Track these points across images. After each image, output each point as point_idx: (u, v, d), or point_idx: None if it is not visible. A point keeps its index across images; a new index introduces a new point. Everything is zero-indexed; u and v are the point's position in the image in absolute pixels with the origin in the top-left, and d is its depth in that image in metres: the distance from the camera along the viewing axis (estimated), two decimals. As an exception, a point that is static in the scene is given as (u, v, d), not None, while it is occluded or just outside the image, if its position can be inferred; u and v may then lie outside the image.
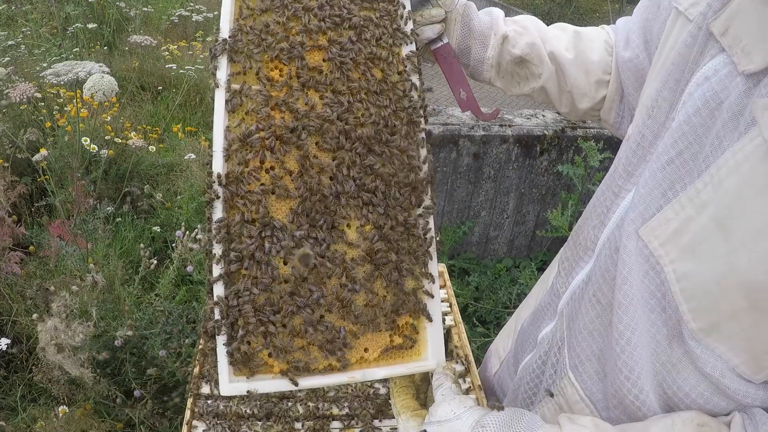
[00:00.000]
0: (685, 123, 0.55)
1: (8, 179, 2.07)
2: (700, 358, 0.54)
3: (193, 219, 2.57)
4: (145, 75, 4.09)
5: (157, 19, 5.05)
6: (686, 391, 0.58)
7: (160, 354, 1.66)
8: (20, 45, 3.80)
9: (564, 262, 0.82)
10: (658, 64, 0.67)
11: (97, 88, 1.83)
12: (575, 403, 0.72)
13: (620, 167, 0.67)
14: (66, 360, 1.33)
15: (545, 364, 0.81)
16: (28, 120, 2.78)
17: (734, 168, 0.48)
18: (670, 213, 0.55)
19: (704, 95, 0.53)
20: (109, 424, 1.62)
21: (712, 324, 0.53)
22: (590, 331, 0.69)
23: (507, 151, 2.48)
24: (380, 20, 0.70)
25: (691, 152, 0.54)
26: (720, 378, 0.54)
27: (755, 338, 0.50)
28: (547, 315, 0.85)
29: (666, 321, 0.58)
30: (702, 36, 0.56)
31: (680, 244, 0.54)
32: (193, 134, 3.53)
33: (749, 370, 0.52)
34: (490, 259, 2.82)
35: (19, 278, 1.85)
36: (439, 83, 9.49)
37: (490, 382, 1.07)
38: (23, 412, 1.61)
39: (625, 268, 0.60)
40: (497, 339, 1.09)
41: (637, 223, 0.59)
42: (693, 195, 0.52)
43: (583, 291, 0.72)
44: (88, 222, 2.18)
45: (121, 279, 1.94)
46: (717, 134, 0.51)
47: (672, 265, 0.55)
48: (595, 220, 0.71)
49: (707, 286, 0.52)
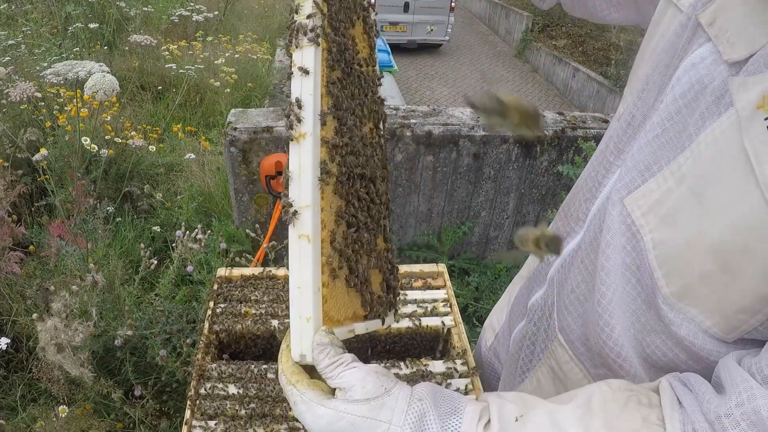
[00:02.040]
0: (671, 104, 0.59)
1: (8, 179, 2.07)
2: (673, 322, 0.57)
3: (193, 219, 2.58)
4: (145, 75, 4.09)
5: (157, 18, 5.05)
6: (664, 351, 0.61)
7: (160, 354, 1.66)
8: (20, 44, 3.80)
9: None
10: (649, 46, 0.71)
11: (99, 87, 1.83)
12: (565, 363, 0.76)
13: (611, 144, 0.71)
14: (66, 360, 1.33)
15: (539, 330, 0.85)
16: (28, 120, 2.78)
17: (711, 142, 0.52)
18: (653, 185, 0.59)
19: (691, 80, 0.57)
20: (109, 424, 1.62)
21: (683, 287, 0.56)
22: (577, 295, 0.73)
23: (507, 152, 2.48)
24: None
25: (675, 130, 0.58)
26: (693, 340, 0.56)
27: (725, 299, 0.53)
28: (536, 283, 0.89)
29: (641, 290, 0.62)
30: (691, 25, 0.60)
31: (660, 214, 0.58)
32: (193, 134, 3.53)
33: (721, 331, 0.55)
34: (490, 259, 2.82)
35: (19, 278, 1.85)
36: (440, 83, 9.51)
37: (485, 356, 1.11)
38: (23, 411, 1.61)
39: (609, 233, 0.64)
40: (491, 314, 1.14)
41: (623, 193, 0.63)
42: (675, 169, 0.56)
43: (572, 258, 0.76)
44: (88, 222, 2.18)
45: (121, 279, 1.94)
46: (701, 115, 0.55)
47: (651, 234, 0.58)
48: (587, 193, 0.75)
49: (679, 250, 0.55)
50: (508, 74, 8.98)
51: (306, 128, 0.58)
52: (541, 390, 0.82)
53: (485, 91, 0.68)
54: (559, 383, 0.78)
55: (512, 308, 1.00)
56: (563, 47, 8.70)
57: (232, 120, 2.25)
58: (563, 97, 7.99)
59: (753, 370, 0.48)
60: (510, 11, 10.22)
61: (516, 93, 6.80)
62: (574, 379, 0.76)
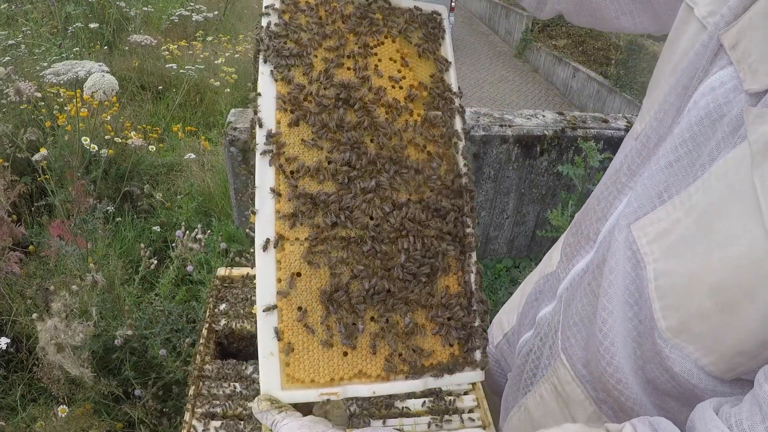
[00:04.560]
0: (687, 130, 0.56)
1: (8, 179, 2.07)
2: (669, 357, 0.55)
3: (193, 219, 2.58)
4: (145, 75, 4.09)
5: (157, 18, 5.05)
6: (662, 381, 0.59)
7: (160, 354, 1.66)
8: (20, 44, 3.80)
9: (567, 248, 0.84)
10: (670, 62, 0.67)
11: (98, 87, 1.83)
12: (567, 383, 0.75)
13: (625, 165, 0.68)
14: (66, 360, 1.33)
15: (544, 346, 0.84)
16: (28, 119, 2.78)
17: (722, 174, 0.50)
18: (662, 213, 0.56)
19: (708, 106, 0.54)
20: (109, 424, 1.62)
21: (681, 322, 0.54)
22: (581, 317, 0.71)
23: (507, 152, 2.48)
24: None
25: (689, 158, 0.56)
26: (688, 378, 0.55)
27: (723, 340, 0.51)
28: (547, 297, 0.88)
29: (641, 320, 0.60)
30: (713, 45, 0.56)
31: (665, 244, 0.55)
32: (193, 134, 3.53)
33: (718, 370, 0.53)
34: (490, 259, 2.82)
35: (19, 278, 1.85)
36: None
37: (492, 354, 1.10)
38: (23, 411, 1.61)
39: (613, 259, 0.62)
40: (501, 312, 1.12)
41: (631, 218, 0.61)
42: (685, 198, 0.54)
43: (581, 279, 0.75)
44: (88, 222, 2.18)
45: (121, 279, 1.94)
46: (716, 144, 0.52)
47: (654, 263, 0.56)
48: (599, 212, 0.73)
49: (681, 283, 0.53)
50: (508, 74, 8.98)
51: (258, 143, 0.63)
52: (544, 406, 0.81)
53: None
54: (562, 402, 0.77)
55: (522, 314, 0.99)
56: (563, 47, 8.70)
57: (232, 120, 2.25)
58: (563, 97, 7.99)
59: (732, 422, 0.45)
60: (510, 11, 10.22)
61: (516, 93, 6.78)
62: (575, 399, 0.74)
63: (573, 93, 7.78)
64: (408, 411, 1.06)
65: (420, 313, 0.64)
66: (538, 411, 0.82)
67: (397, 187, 0.65)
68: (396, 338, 0.62)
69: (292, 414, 0.56)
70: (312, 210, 0.62)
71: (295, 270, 0.60)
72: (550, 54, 8.44)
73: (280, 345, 0.59)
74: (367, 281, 0.61)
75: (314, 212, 0.62)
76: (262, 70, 0.65)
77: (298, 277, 0.60)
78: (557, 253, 0.90)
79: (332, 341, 0.60)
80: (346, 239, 0.62)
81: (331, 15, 0.69)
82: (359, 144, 0.64)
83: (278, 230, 0.61)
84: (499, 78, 8.76)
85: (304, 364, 0.59)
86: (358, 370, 0.61)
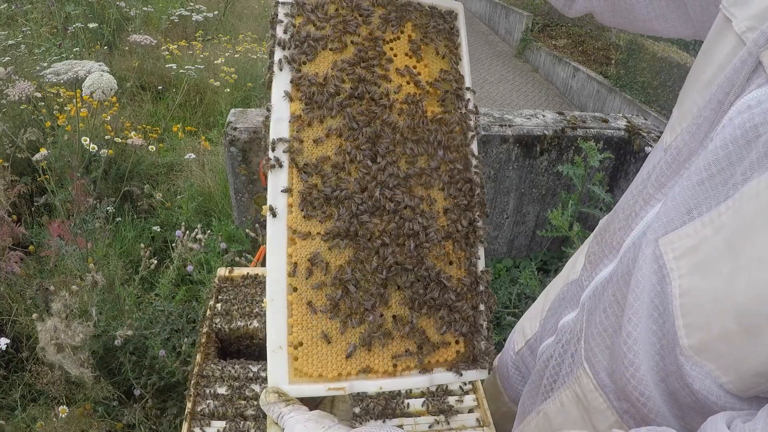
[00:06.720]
0: (721, 148, 0.55)
1: (8, 179, 2.07)
2: (689, 374, 0.56)
3: (193, 219, 2.57)
4: (145, 74, 4.09)
5: (157, 18, 5.05)
6: (683, 395, 0.60)
7: (160, 354, 1.66)
8: (20, 44, 3.80)
9: (590, 255, 0.84)
10: (704, 74, 0.65)
11: (97, 86, 1.83)
12: (589, 392, 0.75)
13: (653, 176, 0.68)
14: (66, 360, 1.33)
15: (566, 353, 0.84)
16: (28, 119, 2.78)
17: (754, 195, 0.49)
18: (690, 229, 0.56)
19: (744, 125, 0.53)
20: (109, 424, 1.62)
21: (702, 341, 0.54)
22: (605, 327, 0.71)
23: (507, 151, 2.48)
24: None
25: (722, 177, 0.55)
26: (707, 395, 0.55)
27: (743, 361, 0.51)
28: (570, 304, 0.88)
29: (664, 333, 0.60)
30: (751, 62, 0.55)
31: (692, 262, 0.55)
32: (193, 134, 3.53)
33: (736, 388, 0.53)
34: (489, 258, 2.82)
35: (19, 278, 1.84)
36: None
37: (512, 360, 1.10)
38: (23, 411, 1.61)
39: (640, 273, 0.62)
40: (524, 318, 1.12)
41: (659, 232, 0.60)
42: (715, 217, 0.53)
43: (604, 288, 0.75)
44: (88, 221, 2.18)
45: (121, 279, 1.94)
46: (750, 165, 0.51)
47: (680, 280, 0.56)
48: (623, 221, 0.73)
49: (705, 302, 0.53)
50: (508, 74, 8.98)
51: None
52: (565, 412, 0.81)
53: None
54: (583, 409, 0.78)
55: (545, 320, 0.99)
56: (563, 47, 8.70)
57: (232, 120, 2.25)
58: (563, 96, 7.99)
59: None
60: (510, 11, 10.22)
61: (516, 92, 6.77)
62: (598, 408, 0.74)
63: (573, 93, 7.78)
64: (408, 411, 1.06)
65: (427, 311, 0.65)
66: (558, 417, 0.82)
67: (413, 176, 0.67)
68: (403, 335, 0.63)
69: (298, 408, 0.58)
70: (324, 205, 0.62)
71: (306, 264, 0.61)
72: (550, 54, 8.43)
73: (289, 339, 0.60)
74: (380, 272, 0.63)
75: (326, 207, 0.62)
76: (277, 68, 0.66)
77: (308, 272, 0.61)
78: (581, 258, 0.90)
79: (341, 337, 0.61)
80: (356, 234, 0.63)
81: (351, 11, 0.70)
82: (374, 139, 0.65)
83: (290, 224, 0.62)
84: (499, 78, 8.75)
85: (312, 358, 0.60)
86: (365, 365, 0.62)
